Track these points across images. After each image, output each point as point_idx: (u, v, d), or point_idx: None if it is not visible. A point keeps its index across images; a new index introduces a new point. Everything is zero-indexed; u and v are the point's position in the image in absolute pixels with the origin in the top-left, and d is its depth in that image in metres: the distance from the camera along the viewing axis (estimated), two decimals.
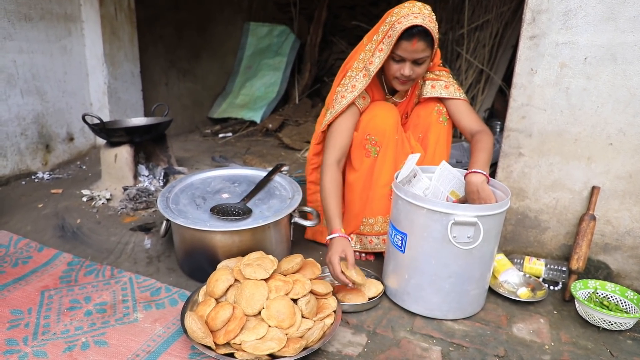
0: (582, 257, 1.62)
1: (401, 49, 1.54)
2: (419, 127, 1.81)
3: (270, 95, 4.27)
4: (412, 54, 1.54)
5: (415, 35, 1.50)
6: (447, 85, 1.76)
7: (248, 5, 4.54)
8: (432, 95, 1.76)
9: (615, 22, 1.48)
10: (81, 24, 2.81)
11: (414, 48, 1.52)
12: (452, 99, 1.75)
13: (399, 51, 1.55)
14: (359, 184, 1.77)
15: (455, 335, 1.41)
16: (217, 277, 1.38)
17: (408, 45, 1.52)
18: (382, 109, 1.70)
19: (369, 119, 1.70)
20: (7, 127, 2.44)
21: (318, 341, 1.26)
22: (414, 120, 1.83)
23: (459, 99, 1.75)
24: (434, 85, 1.77)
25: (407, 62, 1.57)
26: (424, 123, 1.79)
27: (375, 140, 1.69)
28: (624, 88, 1.53)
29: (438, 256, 1.41)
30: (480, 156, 1.60)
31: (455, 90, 1.76)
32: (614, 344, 1.41)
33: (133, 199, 2.20)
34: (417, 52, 1.53)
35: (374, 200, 1.77)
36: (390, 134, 1.68)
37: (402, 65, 1.58)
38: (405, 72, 1.58)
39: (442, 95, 1.75)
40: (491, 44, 3.50)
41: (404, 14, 1.51)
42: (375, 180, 1.75)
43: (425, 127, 1.79)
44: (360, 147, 1.73)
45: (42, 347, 1.27)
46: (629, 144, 1.57)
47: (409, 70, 1.58)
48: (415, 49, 1.52)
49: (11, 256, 1.75)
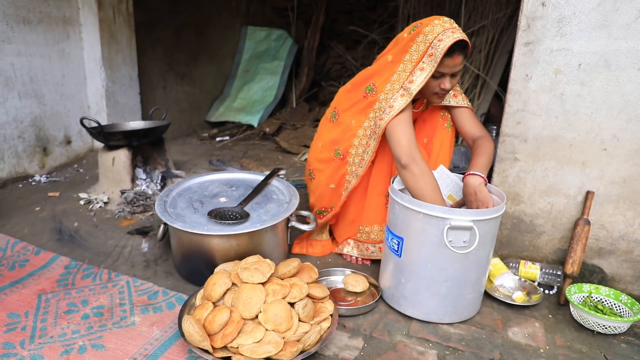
0: (576, 261, 1.63)
1: (444, 66, 1.54)
2: (423, 132, 1.82)
3: (267, 99, 4.28)
4: (453, 69, 1.55)
5: (457, 50, 1.50)
6: (456, 94, 1.78)
7: (246, 9, 4.55)
8: (442, 103, 1.78)
9: (609, 30, 1.50)
10: (79, 28, 2.82)
11: (455, 63, 1.53)
12: (459, 107, 1.78)
13: (441, 68, 1.55)
14: (357, 192, 1.78)
15: (451, 339, 1.42)
16: (215, 281, 1.38)
17: (450, 61, 1.52)
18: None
19: None
20: (5, 129, 2.44)
21: (315, 345, 1.26)
22: (419, 125, 1.84)
23: (465, 107, 1.78)
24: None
25: (447, 76, 1.57)
26: (429, 128, 1.80)
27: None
28: (617, 94, 1.54)
29: (434, 260, 1.42)
30: (479, 160, 1.63)
31: (463, 99, 1.79)
32: (609, 347, 1.43)
33: (130, 202, 2.20)
34: (457, 66, 1.55)
35: (370, 208, 1.78)
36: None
37: (443, 80, 1.58)
38: (447, 86, 1.58)
39: (450, 103, 1.77)
40: (487, 50, 3.52)
41: (440, 31, 1.50)
42: (372, 189, 1.76)
43: (430, 132, 1.80)
44: None
45: (39, 350, 1.27)
46: (623, 150, 1.58)
47: (449, 84, 1.58)
48: (456, 63, 1.53)
49: (8, 259, 1.75)
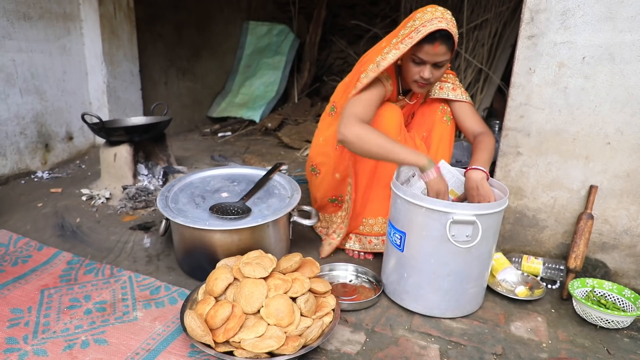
0: (579, 256, 1.63)
1: (423, 52, 1.55)
2: (423, 126, 1.82)
3: (269, 95, 4.27)
4: (434, 57, 1.55)
5: (438, 39, 1.51)
6: (455, 88, 1.78)
7: (247, 4, 4.53)
8: (440, 96, 1.79)
9: (613, 22, 1.49)
10: (80, 23, 2.81)
11: (436, 51, 1.53)
12: (458, 101, 1.79)
13: (420, 54, 1.55)
14: (362, 185, 1.77)
15: (454, 334, 1.42)
16: (217, 276, 1.38)
17: (430, 48, 1.53)
18: (387, 110, 1.70)
19: (372, 121, 1.70)
20: (7, 126, 2.44)
21: (317, 339, 1.26)
22: (418, 119, 1.85)
23: (465, 101, 1.78)
24: (442, 87, 1.80)
25: (427, 65, 1.58)
26: (428, 122, 1.81)
27: None
28: (621, 87, 1.53)
29: (437, 255, 1.42)
30: (481, 155, 1.64)
31: (462, 94, 1.79)
32: (611, 342, 1.42)
33: (132, 198, 2.20)
34: (438, 56, 1.55)
35: (375, 200, 1.78)
36: (393, 135, 1.67)
37: (422, 68, 1.59)
38: (425, 74, 1.59)
39: (449, 97, 1.78)
40: (490, 43, 3.49)
41: (428, 18, 1.52)
42: (377, 181, 1.76)
43: (429, 126, 1.81)
44: None
45: (42, 345, 1.28)
46: (627, 143, 1.57)
47: (428, 73, 1.58)
48: (437, 52, 1.53)
49: (11, 255, 1.75)
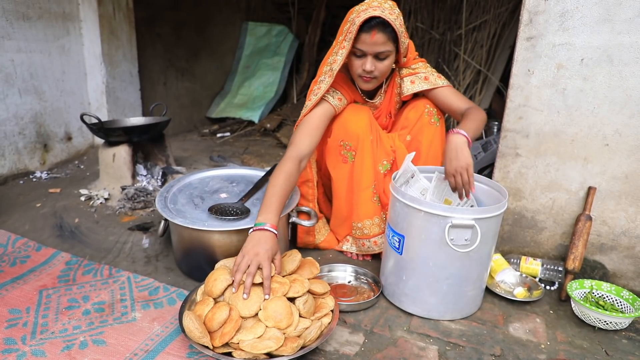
0: (578, 257, 1.63)
1: (361, 42, 1.51)
2: (407, 129, 1.76)
3: (268, 95, 4.27)
4: (372, 47, 1.50)
5: (374, 27, 1.47)
6: (427, 77, 1.71)
7: (246, 5, 4.53)
8: (414, 90, 1.72)
9: (612, 24, 1.49)
10: (79, 24, 2.81)
11: (374, 40, 1.48)
12: (435, 88, 1.71)
13: (359, 45, 1.52)
14: (342, 191, 1.76)
15: (452, 335, 1.42)
16: (215, 277, 1.38)
17: (367, 37, 1.49)
18: (352, 113, 1.67)
19: (340, 124, 1.67)
20: (5, 126, 2.44)
21: (315, 340, 1.26)
22: (401, 122, 1.78)
23: (442, 86, 1.71)
24: (413, 81, 1.73)
25: (368, 56, 1.53)
26: (415, 126, 1.74)
27: (349, 145, 1.67)
28: (620, 89, 1.53)
29: (435, 258, 1.42)
30: (467, 123, 1.56)
31: (436, 79, 1.71)
32: (610, 343, 1.42)
33: (131, 198, 2.20)
34: (377, 45, 1.50)
35: (358, 204, 1.74)
36: (364, 136, 1.65)
37: (364, 60, 1.54)
38: (367, 67, 1.54)
39: (423, 88, 1.71)
40: (489, 45, 3.50)
41: (363, 9, 1.50)
42: (357, 185, 1.72)
43: (416, 130, 1.75)
44: (336, 153, 1.71)
45: (40, 346, 1.27)
46: (625, 145, 1.57)
47: (370, 65, 1.53)
48: (375, 41, 1.49)
49: (9, 255, 1.75)
